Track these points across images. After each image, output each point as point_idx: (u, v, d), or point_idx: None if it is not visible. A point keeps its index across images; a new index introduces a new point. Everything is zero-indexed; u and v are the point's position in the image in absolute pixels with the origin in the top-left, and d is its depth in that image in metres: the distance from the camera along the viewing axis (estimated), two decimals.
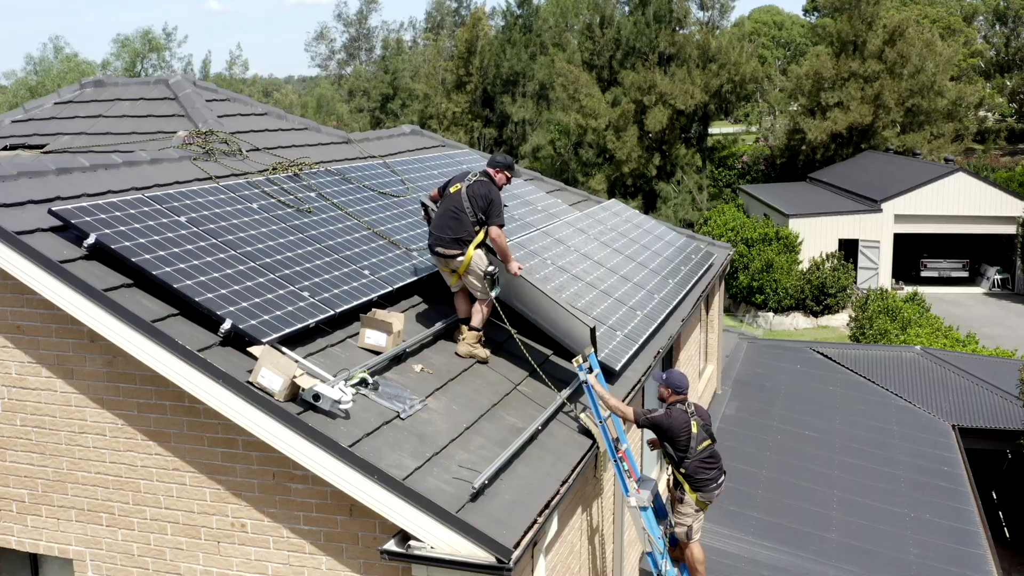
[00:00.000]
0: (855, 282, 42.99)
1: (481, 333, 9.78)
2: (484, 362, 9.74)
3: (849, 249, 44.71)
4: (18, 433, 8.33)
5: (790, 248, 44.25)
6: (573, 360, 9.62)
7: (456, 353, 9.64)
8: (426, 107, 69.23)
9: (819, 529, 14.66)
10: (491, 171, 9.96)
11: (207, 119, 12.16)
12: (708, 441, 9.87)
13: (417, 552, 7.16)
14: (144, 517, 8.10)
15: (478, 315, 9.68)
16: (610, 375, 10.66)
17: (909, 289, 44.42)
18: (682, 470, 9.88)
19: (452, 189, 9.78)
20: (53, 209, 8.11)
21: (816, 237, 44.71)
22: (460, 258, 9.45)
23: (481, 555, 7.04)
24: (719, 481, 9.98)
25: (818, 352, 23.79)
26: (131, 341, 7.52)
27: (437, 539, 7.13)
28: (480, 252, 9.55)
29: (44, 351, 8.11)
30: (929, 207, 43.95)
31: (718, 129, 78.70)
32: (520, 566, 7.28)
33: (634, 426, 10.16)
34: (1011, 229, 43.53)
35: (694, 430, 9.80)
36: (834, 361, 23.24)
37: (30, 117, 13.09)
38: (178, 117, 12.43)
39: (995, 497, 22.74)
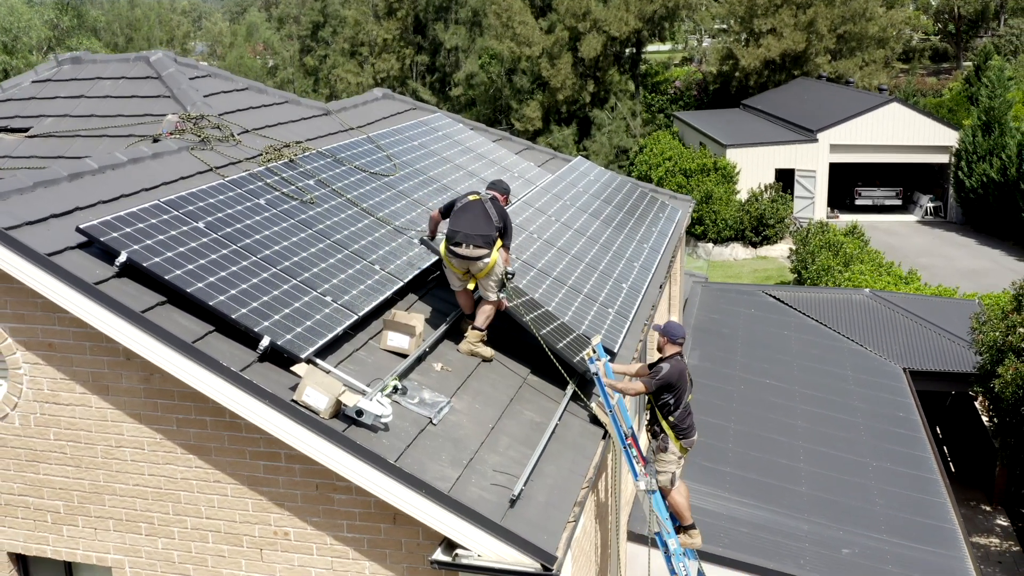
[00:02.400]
0: (792, 212, 43.83)
1: (484, 333, 9.99)
2: (488, 360, 9.96)
3: (785, 179, 45.46)
4: (52, 447, 8.43)
5: (728, 179, 44.87)
6: (584, 354, 9.92)
7: (458, 350, 9.86)
8: (357, 34, 68.07)
9: (790, 483, 15.31)
10: (499, 195, 10.19)
11: (195, 101, 12.07)
12: (690, 389, 10.27)
13: (465, 561, 7.49)
14: (185, 526, 8.30)
15: (484, 316, 9.86)
16: (610, 355, 10.99)
17: (844, 217, 45.61)
18: (670, 419, 10.16)
19: (472, 198, 9.91)
20: (81, 227, 8.11)
21: (753, 167, 45.35)
22: (486, 260, 9.60)
23: (527, 562, 7.40)
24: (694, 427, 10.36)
25: (770, 295, 24.42)
26: (171, 361, 7.63)
27: (483, 547, 7.46)
28: (501, 255, 9.77)
29: (78, 368, 8.18)
30: (864, 137, 44.76)
31: (651, 47, 78.60)
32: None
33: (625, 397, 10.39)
34: (944, 158, 44.61)
35: (690, 384, 10.20)
36: (786, 304, 23.89)
37: (8, 97, 12.85)
38: (164, 98, 12.32)
39: (939, 433, 23.78)
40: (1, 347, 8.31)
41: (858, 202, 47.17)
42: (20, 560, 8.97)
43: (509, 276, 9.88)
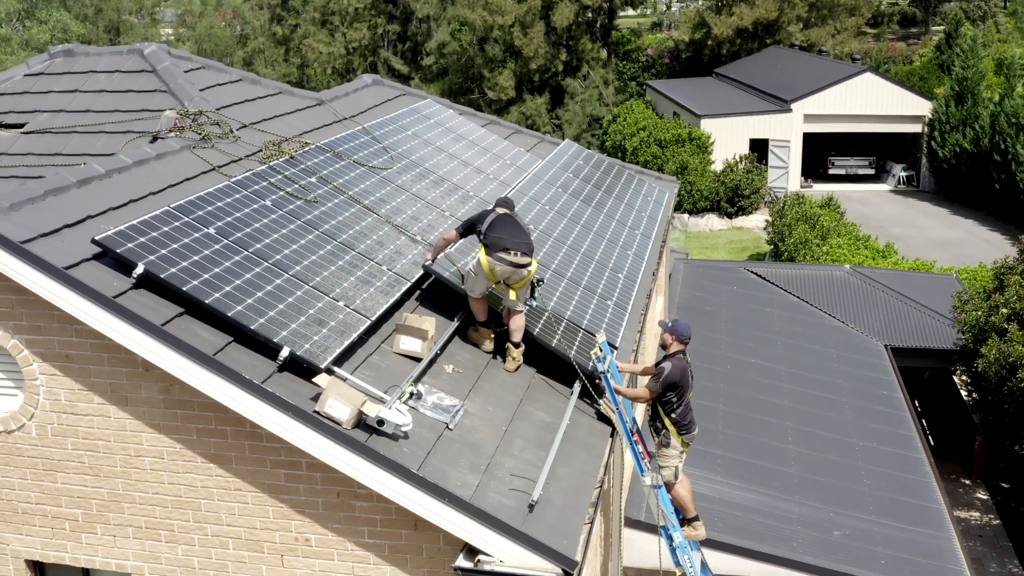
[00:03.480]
0: (767, 183, 44.12)
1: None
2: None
3: (759, 149, 45.71)
4: (69, 456, 8.47)
5: (703, 149, 45.05)
6: (591, 353, 10.06)
7: (506, 369, 9.98)
8: (328, 3, 67.30)
9: (780, 464, 15.58)
10: (513, 214, 10.25)
11: (192, 96, 12.02)
12: (692, 386, 10.44)
13: (487, 567, 7.63)
14: (205, 533, 8.39)
15: (519, 330, 9.90)
16: (612, 349, 11.13)
17: (818, 187, 45.97)
18: (672, 416, 10.34)
19: (500, 211, 9.94)
20: (96, 239, 8.13)
21: (727, 137, 45.55)
22: (530, 268, 9.68)
23: (548, 567, 7.56)
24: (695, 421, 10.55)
25: (752, 272, 24.66)
26: (192, 373, 7.70)
27: (504, 553, 7.60)
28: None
29: (96, 379, 8.22)
30: (838, 107, 45.03)
31: (621, 13, 78.39)
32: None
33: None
34: (917, 128, 44.98)
35: (692, 381, 10.38)
36: (768, 281, 24.15)
37: (1, 91, 12.72)
38: (160, 93, 12.25)
39: (918, 406, 24.19)
40: (17, 359, 8.32)
41: (831, 171, 47.53)
42: (37, 567, 9.03)
43: (540, 283, 9.97)
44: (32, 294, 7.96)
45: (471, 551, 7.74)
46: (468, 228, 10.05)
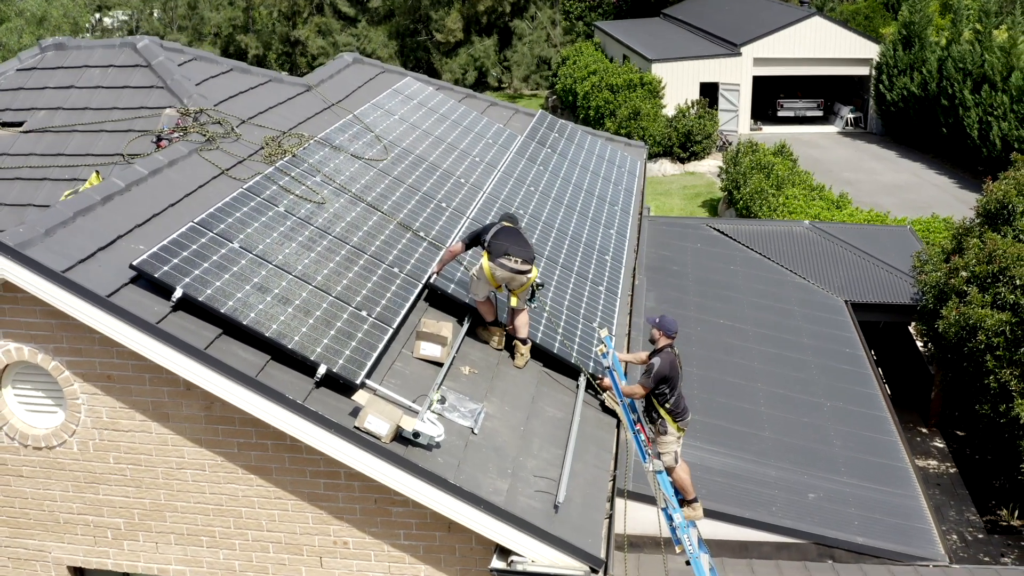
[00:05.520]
0: (719, 127, 44.70)
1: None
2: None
3: (709, 92, 46.21)
4: (111, 470, 8.86)
5: (654, 94, 45.44)
6: (596, 349, 10.59)
7: (516, 366, 10.51)
8: None
9: (754, 428, 16.28)
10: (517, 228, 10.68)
11: (190, 93, 12.18)
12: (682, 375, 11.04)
13: (520, 567, 8.21)
14: (246, 538, 8.86)
15: (525, 327, 10.44)
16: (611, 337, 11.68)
17: (768, 129, 46.69)
18: (667, 406, 10.97)
19: (506, 224, 10.37)
20: (133, 264, 8.41)
21: (678, 81, 45.98)
22: (530, 275, 10.17)
23: (576, 565, 8.17)
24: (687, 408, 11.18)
25: (714, 228, 25.27)
26: (235, 394, 8.09)
27: (534, 553, 8.19)
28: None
29: (137, 397, 8.58)
30: (787, 50, 45.59)
31: None
32: None
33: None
34: (864, 71, 45.71)
35: (680, 370, 10.97)
36: (730, 237, 24.77)
37: None
38: (158, 89, 12.37)
39: (874, 356, 25.13)
40: (58, 379, 8.64)
41: (780, 114, 48.18)
42: (79, 573, 9.44)
43: (540, 287, 10.43)
44: (72, 318, 8.26)
45: (502, 551, 8.30)
46: (473, 240, 10.49)
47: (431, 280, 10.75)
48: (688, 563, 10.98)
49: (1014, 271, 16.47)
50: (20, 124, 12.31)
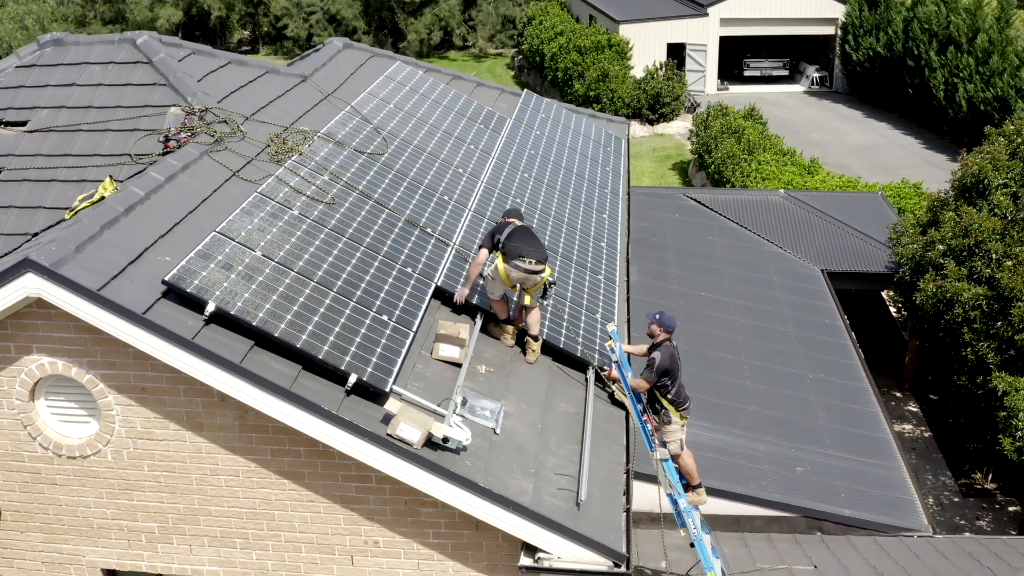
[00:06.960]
0: (687, 88, 44.98)
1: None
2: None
3: (676, 53, 46.43)
4: (146, 477, 9.13)
5: (622, 55, 45.56)
6: (605, 345, 10.95)
7: (527, 362, 10.86)
8: None
9: (740, 402, 16.77)
10: (527, 225, 10.99)
11: (194, 91, 12.28)
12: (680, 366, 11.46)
13: (547, 564, 8.62)
14: (279, 540, 9.19)
15: (537, 324, 10.78)
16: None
17: (734, 89, 47.08)
18: (669, 397, 11.42)
19: (516, 222, 10.65)
20: (166, 280, 8.60)
21: (645, 42, 46.14)
22: (543, 274, 10.48)
23: (600, 560, 8.59)
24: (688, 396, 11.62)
25: (691, 198, 25.66)
26: (270, 405, 8.36)
27: (560, 550, 8.59)
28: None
29: (171, 408, 8.84)
30: (753, 10, 45.87)
31: None
32: None
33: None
34: (830, 30, 46.13)
35: (679, 362, 11.38)
36: (707, 207, 25.18)
37: None
38: (160, 87, 12.46)
39: (848, 321, 25.73)
40: (93, 392, 8.87)
41: (747, 73, 48.56)
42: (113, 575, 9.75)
43: (552, 285, 10.75)
44: (105, 333, 8.47)
45: (528, 548, 8.69)
46: (490, 242, 10.75)
47: (457, 302, 11.01)
48: (692, 545, 11.46)
49: (989, 245, 16.99)
50: (24, 123, 12.36)
